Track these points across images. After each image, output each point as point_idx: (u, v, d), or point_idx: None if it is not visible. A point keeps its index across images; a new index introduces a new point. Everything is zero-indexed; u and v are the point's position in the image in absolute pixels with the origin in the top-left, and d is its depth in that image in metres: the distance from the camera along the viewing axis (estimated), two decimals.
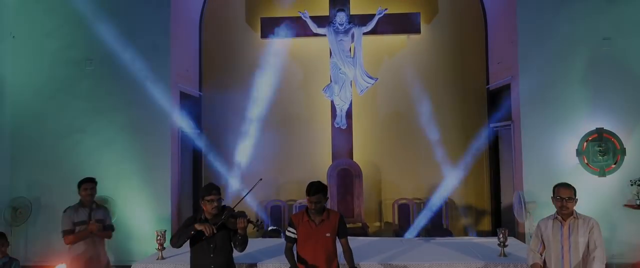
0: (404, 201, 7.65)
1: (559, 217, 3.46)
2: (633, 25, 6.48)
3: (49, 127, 6.85)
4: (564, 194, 3.40)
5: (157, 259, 4.11)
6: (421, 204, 7.70)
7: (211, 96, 8.14)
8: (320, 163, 7.74)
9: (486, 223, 7.86)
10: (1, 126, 6.82)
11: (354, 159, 7.64)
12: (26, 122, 6.87)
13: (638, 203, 6.20)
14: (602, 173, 6.36)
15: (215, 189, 3.66)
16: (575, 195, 3.43)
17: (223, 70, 8.19)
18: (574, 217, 3.43)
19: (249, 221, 3.58)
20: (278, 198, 7.81)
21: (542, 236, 3.51)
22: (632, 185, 6.29)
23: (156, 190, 6.67)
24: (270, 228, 7.16)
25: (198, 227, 3.50)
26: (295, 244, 3.72)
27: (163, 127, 6.81)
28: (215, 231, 3.51)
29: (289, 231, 3.71)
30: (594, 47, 6.48)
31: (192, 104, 7.74)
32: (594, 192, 6.23)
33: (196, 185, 7.90)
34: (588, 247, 3.34)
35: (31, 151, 6.84)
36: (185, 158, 7.57)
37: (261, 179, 3.72)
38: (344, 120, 7.66)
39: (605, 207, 6.30)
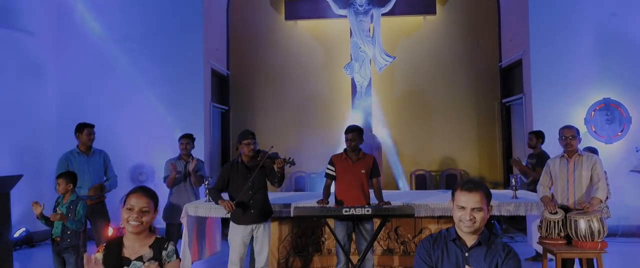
0: (420, 172, 8.10)
1: (566, 155, 3.93)
2: (639, 1, 6.87)
3: (91, 101, 7.38)
4: (568, 134, 3.87)
5: (205, 201, 4.63)
6: (437, 176, 8.15)
7: (238, 75, 8.66)
8: (341, 137, 8.16)
9: None
10: (48, 100, 7.40)
11: (373, 133, 8.09)
12: (70, 96, 7.43)
13: None
14: (609, 141, 6.77)
15: (251, 134, 4.14)
16: (578, 135, 3.89)
17: (249, 51, 8.69)
18: (579, 155, 3.90)
19: (284, 160, 4.05)
20: (301, 169, 8.29)
21: (550, 172, 3.97)
22: (637, 151, 6.68)
23: None
24: None
25: (221, 203, 3.92)
26: (333, 183, 4.21)
27: (197, 101, 7.35)
28: (234, 207, 3.89)
29: (328, 169, 4.21)
30: (601, 22, 6.89)
31: (221, 82, 8.26)
32: (601, 159, 6.60)
33: (224, 158, 8.42)
34: (591, 180, 3.80)
35: (74, 122, 7.33)
36: (215, 132, 8.09)
37: (273, 147, 4.16)
38: (363, 97, 8.12)
39: (611, 173, 6.59)
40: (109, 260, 2.08)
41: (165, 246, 2.16)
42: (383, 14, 8.02)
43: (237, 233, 4.04)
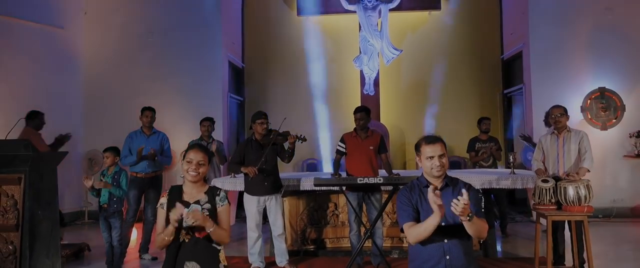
0: None
1: (556, 131, 4.37)
2: None
3: (115, 91, 7.88)
4: (556, 112, 4.32)
5: (230, 177, 5.10)
6: None
7: (253, 67, 9.13)
8: (351, 126, 8.62)
9: None
10: (75, 90, 7.90)
11: (380, 123, 8.53)
12: (96, 87, 7.93)
13: (636, 153, 7.00)
14: (604, 128, 7.18)
15: (264, 114, 4.59)
16: (566, 113, 4.33)
17: (263, 45, 9.16)
18: (567, 131, 4.34)
19: (296, 136, 4.47)
20: (313, 156, 8.76)
21: (542, 147, 4.42)
22: (630, 137, 7.09)
23: None
24: None
25: (244, 170, 4.35)
26: (343, 158, 4.65)
27: (215, 92, 7.81)
28: (257, 172, 4.29)
29: (339, 145, 4.66)
30: (597, 16, 7.31)
31: (236, 74, 8.74)
32: (596, 145, 6.97)
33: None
34: (579, 153, 4.23)
35: (100, 111, 7.88)
36: (232, 121, 8.57)
37: (285, 118, 4.60)
38: (372, 88, 8.56)
39: (606, 158, 7.11)
40: (171, 204, 2.54)
41: (218, 192, 2.61)
42: (390, 9, 8.46)
43: (252, 203, 4.50)
